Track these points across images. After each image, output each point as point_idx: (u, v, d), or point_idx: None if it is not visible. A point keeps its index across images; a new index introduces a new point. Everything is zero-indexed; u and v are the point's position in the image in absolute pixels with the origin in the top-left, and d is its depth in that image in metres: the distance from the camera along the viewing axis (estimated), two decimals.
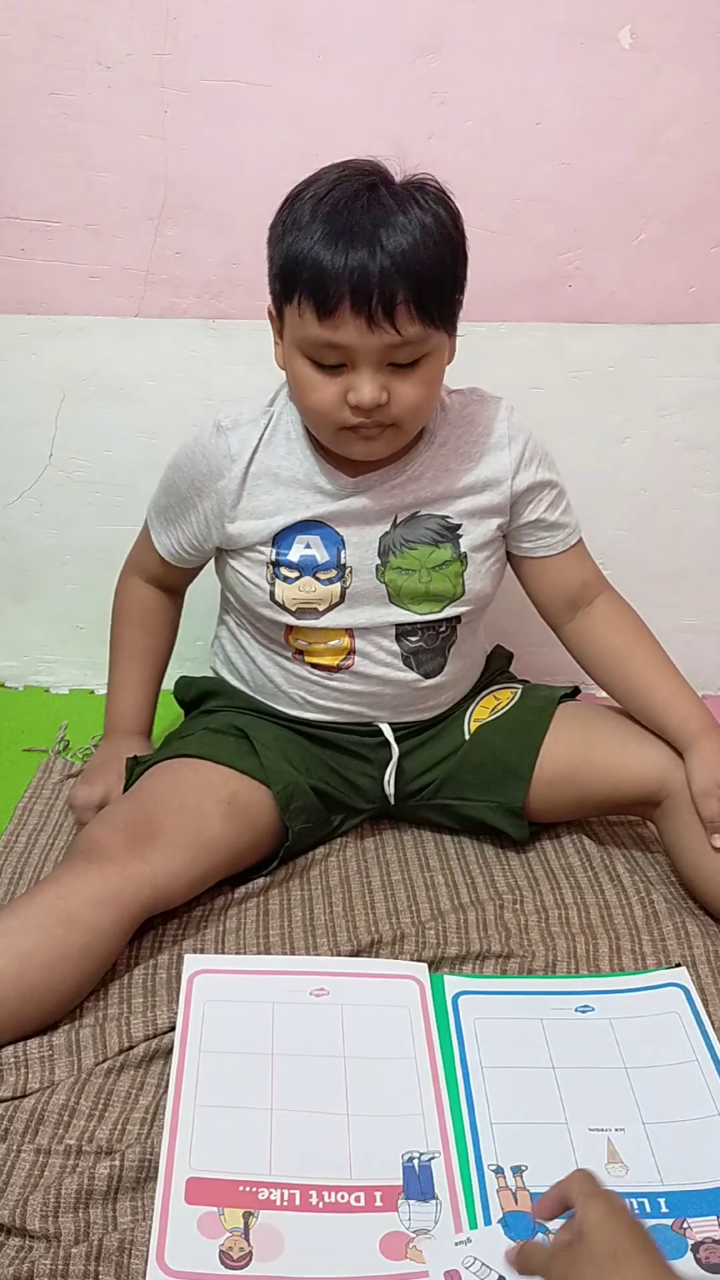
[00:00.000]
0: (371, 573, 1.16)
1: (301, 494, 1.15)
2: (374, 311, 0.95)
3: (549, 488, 1.20)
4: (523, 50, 1.39)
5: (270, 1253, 0.78)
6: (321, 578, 1.16)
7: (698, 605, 1.73)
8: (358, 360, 1.00)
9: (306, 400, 1.05)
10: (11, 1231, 0.81)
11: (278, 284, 1.03)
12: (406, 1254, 0.79)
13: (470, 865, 1.27)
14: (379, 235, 0.95)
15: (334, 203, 0.97)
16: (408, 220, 0.96)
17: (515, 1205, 0.83)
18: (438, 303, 0.99)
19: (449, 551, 1.17)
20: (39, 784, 1.43)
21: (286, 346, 1.05)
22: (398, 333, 0.97)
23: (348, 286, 0.95)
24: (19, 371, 1.55)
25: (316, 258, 0.96)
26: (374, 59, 1.39)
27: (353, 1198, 0.82)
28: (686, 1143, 0.88)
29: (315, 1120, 0.88)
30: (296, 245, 0.98)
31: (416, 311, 0.97)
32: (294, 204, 1.01)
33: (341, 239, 0.95)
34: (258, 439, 1.15)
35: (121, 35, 1.38)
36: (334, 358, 1.00)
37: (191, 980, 1.01)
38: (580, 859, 1.26)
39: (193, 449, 1.18)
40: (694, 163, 1.45)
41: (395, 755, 1.24)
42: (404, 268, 0.95)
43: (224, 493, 1.16)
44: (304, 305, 0.98)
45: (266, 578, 1.17)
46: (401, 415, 1.04)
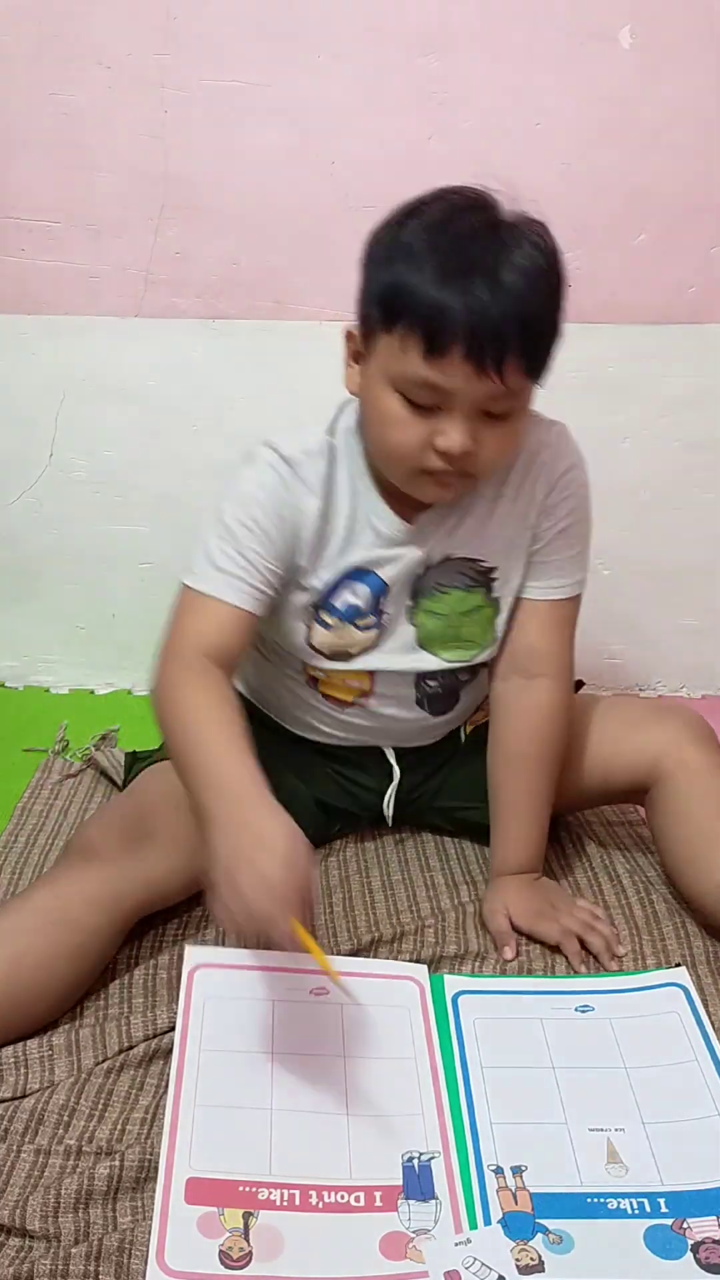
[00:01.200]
0: (404, 614, 1.12)
1: (359, 535, 1.08)
2: (485, 359, 0.89)
3: (565, 521, 1.11)
4: (523, 50, 1.39)
5: (270, 1253, 0.78)
6: (360, 624, 1.11)
7: (698, 605, 1.73)
8: (454, 405, 0.93)
9: (388, 437, 0.98)
10: (11, 1231, 0.81)
11: (376, 310, 0.94)
12: (406, 1254, 0.79)
13: (470, 865, 1.27)
14: (499, 277, 0.88)
15: (452, 235, 0.90)
16: (525, 261, 0.90)
17: (515, 1205, 0.83)
18: (545, 356, 0.94)
19: (480, 597, 1.13)
20: (38, 784, 1.43)
21: (372, 376, 0.97)
22: (503, 383, 0.91)
23: (464, 329, 0.88)
24: (19, 371, 1.55)
25: (431, 293, 0.89)
26: (374, 59, 1.39)
27: (352, 1198, 0.82)
28: (686, 1143, 0.88)
29: (315, 1120, 0.88)
30: (406, 275, 0.90)
31: (525, 364, 0.92)
32: (401, 228, 0.93)
33: (460, 277, 0.88)
34: (325, 473, 1.07)
35: (121, 35, 1.38)
36: (429, 398, 0.93)
37: (192, 975, 1.01)
38: (580, 860, 1.26)
39: (264, 481, 1.06)
40: (694, 163, 1.45)
41: (396, 778, 1.24)
42: (521, 316, 0.89)
43: (301, 529, 1.06)
44: (409, 340, 0.91)
45: (305, 621, 1.12)
46: (484, 466, 0.98)
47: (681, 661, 1.77)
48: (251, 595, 1.04)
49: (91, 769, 1.46)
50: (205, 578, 1.05)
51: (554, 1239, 0.80)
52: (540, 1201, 0.83)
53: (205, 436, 1.59)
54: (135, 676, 1.75)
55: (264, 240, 1.48)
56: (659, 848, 1.19)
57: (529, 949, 1.11)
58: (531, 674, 1.16)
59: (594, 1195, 0.84)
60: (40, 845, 1.29)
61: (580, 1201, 0.83)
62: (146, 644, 1.73)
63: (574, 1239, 0.80)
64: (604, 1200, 0.83)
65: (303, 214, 1.47)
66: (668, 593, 1.71)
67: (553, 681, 1.16)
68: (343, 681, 1.16)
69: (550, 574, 1.13)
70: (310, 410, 1.57)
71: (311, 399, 1.56)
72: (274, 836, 0.85)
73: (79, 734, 1.58)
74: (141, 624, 1.72)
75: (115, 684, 1.75)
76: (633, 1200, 0.83)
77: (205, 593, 1.04)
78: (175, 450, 1.60)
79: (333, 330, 1.54)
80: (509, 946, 1.10)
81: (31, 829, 1.33)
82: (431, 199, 0.95)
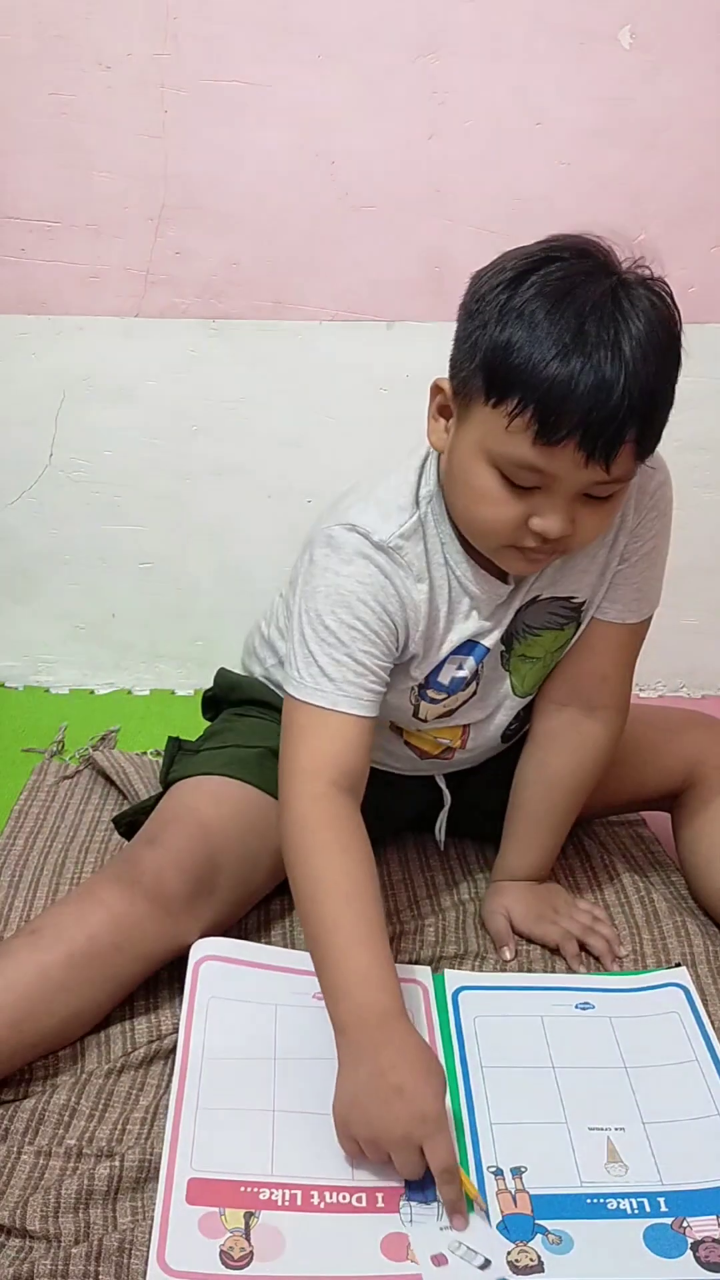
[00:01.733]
0: (498, 663, 1.07)
1: (459, 605, 1.02)
2: (596, 448, 0.83)
3: (651, 542, 1.05)
4: (523, 50, 1.39)
5: (271, 1253, 0.78)
6: (463, 690, 1.07)
7: (698, 605, 1.73)
8: (555, 489, 0.86)
9: (480, 512, 0.91)
10: (12, 1232, 0.81)
11: (479, 378, 0.85)
12: (408, 1255, 0.78)
13: (470, 865, 1.27)
14: (623, 359, 0.81)
15: (573, 304, 0.81)
16: (647, 336, 0.83)
17: (515, 1208, 0.83)
18: (656, 438, 0.88)
19: (571, 632, 1.07)
20: (34, 786, 1.43)
21: (466, 445, 0.89)
22: (608, 471, 0.85)
23: (583, 417, 0.81)
24: (19, 371, 1.56)
25: (549, 373, 0.81)
26: (374, 59, 1.39)
27: (354, 1198, 0.82)
28: (686, 1142, 0.87)
29: (317, 1122, 0.88)
30: (521, 348, 0.82)
31: (637, 451, 0.86)
32: (513, 288, 0.84)
33: (583, 356, 0.80)
34: (424, 551, 0.99)
35: (121, 35, 1.38)
36: (531, 480, 0.86)
37: (198, 967, 1.01)
38: (580, 859, 1.26)
39: (363, 576, 0.96)
40: (694, 163, 1.45)
41: (448, 804, 1.22)
42: (639, 404, 0.82)
43: (410, 620, 0.99)
44: (519, 420, 0.83)
45: (410, 699, 1.06)
46: (579, 544, 0.93)
47: (681, 661, 1.77)
48: (371, 701, 0.98)
49: (90, 769, 1.46)
50: (320, 691, 0.97)
51: (553, 1239, 0.80)
52: (540, 1203, 0.83)
53: (205, 436, 1.59)
54: (135, 676, 1.75)
55: (264, 240, 1.48)
56: (681, 849, 1.19)
57: (528, 950, 1.11)
58: (594, 705, 1.10)
59: (593, 1195, 0.83)
60: (39, 848, 1.29)
61: (580, 1202, 0.83)
62: (146, 644, 1.75)
63: (573, 1239, 0.80)
64: (604, 1200, 0.83)
65: (303, 214, 1.47)
66: (668, 593, 1.70)
67: (615, 714, 1.11)
68: (433, 737, 1.12)
69: (630, 596, 1.07)
70: (310, 411, 1.57)
71: (310, 399, 1.57)
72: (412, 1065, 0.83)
73: (79, 734, 1.57)
74: (141, 624, 1.73)
75: (115, 684, 1.75)
76: (632, 1200, 0.83)
77: (323, 707, 0.96)
78: (175, 450, 1.60)
79: (333, 330, 1.55)
80: (508, 948, 1.10)
81: (30, 831, 1.32)
82: (545, 256, 0.85)
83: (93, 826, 1.33)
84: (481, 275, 0.88)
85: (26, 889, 1.21)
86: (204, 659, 1.69)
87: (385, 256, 1.50)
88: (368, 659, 0.97)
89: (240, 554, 1.66)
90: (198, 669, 1.71)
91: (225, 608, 1.68)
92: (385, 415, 1.56)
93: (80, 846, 1.29)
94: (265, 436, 1.58)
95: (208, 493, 1.63)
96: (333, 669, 0.96)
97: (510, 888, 1.15)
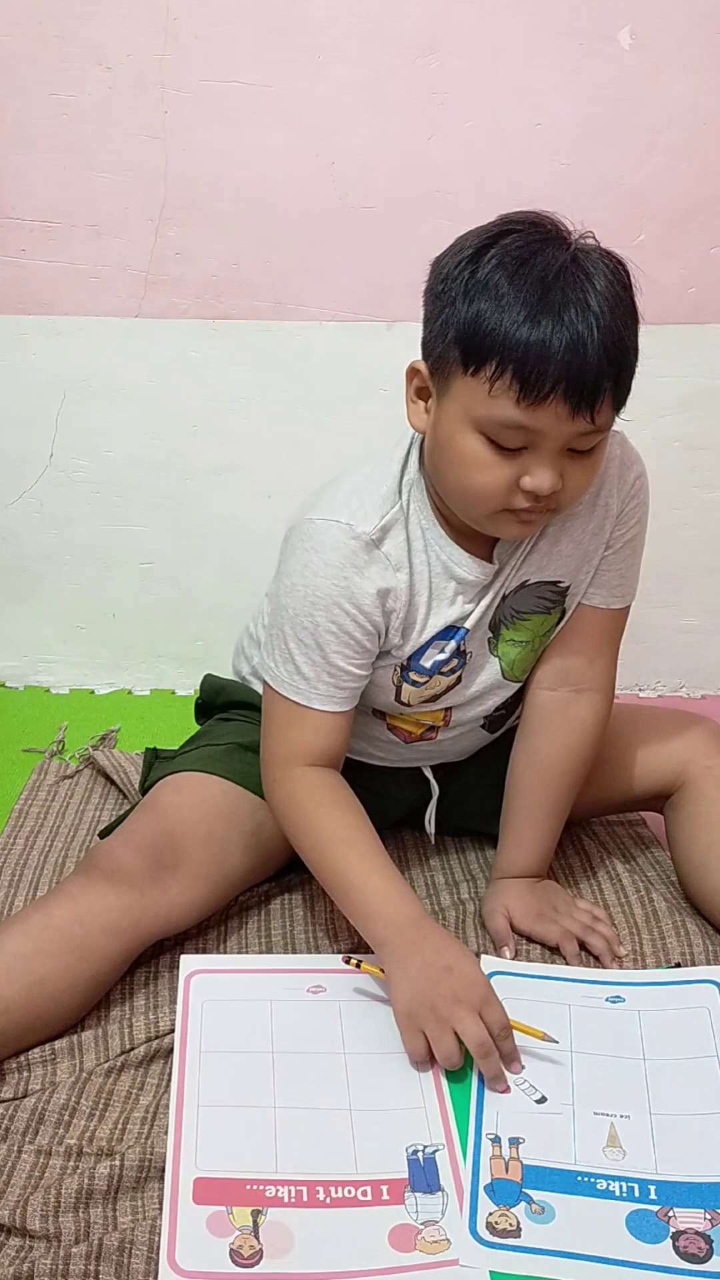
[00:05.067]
0: (485, 648, 1.09)
1: (442, 590, 1.04)
2: (580, 400, 0.86)
3: (634, 529, 1.09)
4: (523, 50, 1.39)
5: (280, 1249, 0.78)
6: (445, 671, 1.08)
7: (698, 605, 1.73)
8: (542, 445, 0.89)
9: (470, 480, 0.93)
10: (12, 1231, 0.81)
11: (455, 351, 0.89)
12: (416, 1245, 0.79)
13: (470, 863, 1.27)
14: (590, 316, 0.85)
15: (536, 270, 0.86)
16: (609, 295, 0.87)
17: (505, 1174, 0.84)
18: (629, 388, 0.91)
19: (558, 615, 1.10)
20: (34, 786, 1.43)
21: (449, 417, 0.92)
22: (593, 421, 0.89)
23: (564, 374, 0.85)
24: (19, 371, 1.56)
25: (524, 335, 0.84)
26: (374, 59, 1.39)
27: (360, 1192, 0.83)
28: (689, 1135, 0.88)
29: (319, 1117, 0.88)
30: (491, 315, 0.86)
31: (614, 400, 0.89)
32: (475, 263, 0.88)
33: (553, 316, 0.84)
34: (406, 540, 1.01)
35: (121, 35, 1.38)
36: (518, 440, 0.89)
37: (189, 980, 1.01)
38: (580, 859, 1.26)
39: (340, 577, 0.99)
40: (693, 163, 1.45)
41: (435, 795, 1.22)
42: (614, 355, 0.86)
43: (389, 611, 1.02)
44: (500, 383, 0.86)
45: (393, 681, 1.08)
46: (569, 500, 0.96)
47: (681, 661, 1.78)
48: (346, 698, 1.03)
49: (90, 769, 1.46)
50: (294, 688, 1.02)
51: (536, 1209, 0.82)
52: (530, 1173, 0.84)
53: (205, 436, 1.59)
54: (135, 676, 1.75)
55: (264, 240, 1.48)
56: (675, 851, 1.19)
57: (528, 950, 1.11)
58: (581, 689, 1.13)
59: (585, 1174, 0.84)
60: (39, 847, 1.29)
61: (570, 1178, 0.84)
62: (146, 644, 1.75)
63: (556, 1211, 0.81)
64: (594, 1180, 0.84)
65: (303, 214, 1.47)
66: (668, 593, 1.71)
67: (601, 697, 1.14)
68: (415, 719, 1.13)
69: (612, 581, 1.10)
70: (310, 411, 1.58)
71: (310, 399, 1.57)
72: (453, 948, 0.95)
73: (79, 734, 1.58)
74: (141, 624, 1.73)
75: (115, 684, 1.75)
76: (623, 1183, 0.84)
77: (298, 703, 1.02)
78: (175, 450, 1.60)
79: (333, 330, 1.55)
80: (507, 947, 1.10)
81: (29, 831, 1.33)
82: (500, 231, 0.90)
83: (93, 826, 1.33)
84: (442, 258, 0.92)
85: (26, 889, 1.21)
86: (204, 659, 1.69)
87: (385, 257, 1.50)
88: (342, 660, 1.01)
89: (240, 554, 1.66)
90: (198, 669, 1.70)
91: (225, 608, 1.68)
92: (385, 415, 1.55)
93: (80, 846, 1.29)
94: (265, 436, 1.58)
95: (208, 493, 1.63)
96: (308, 669, 1.01)
97: (510, 886, 1.15)
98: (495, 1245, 0.79)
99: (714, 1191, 0.83)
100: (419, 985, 0.92)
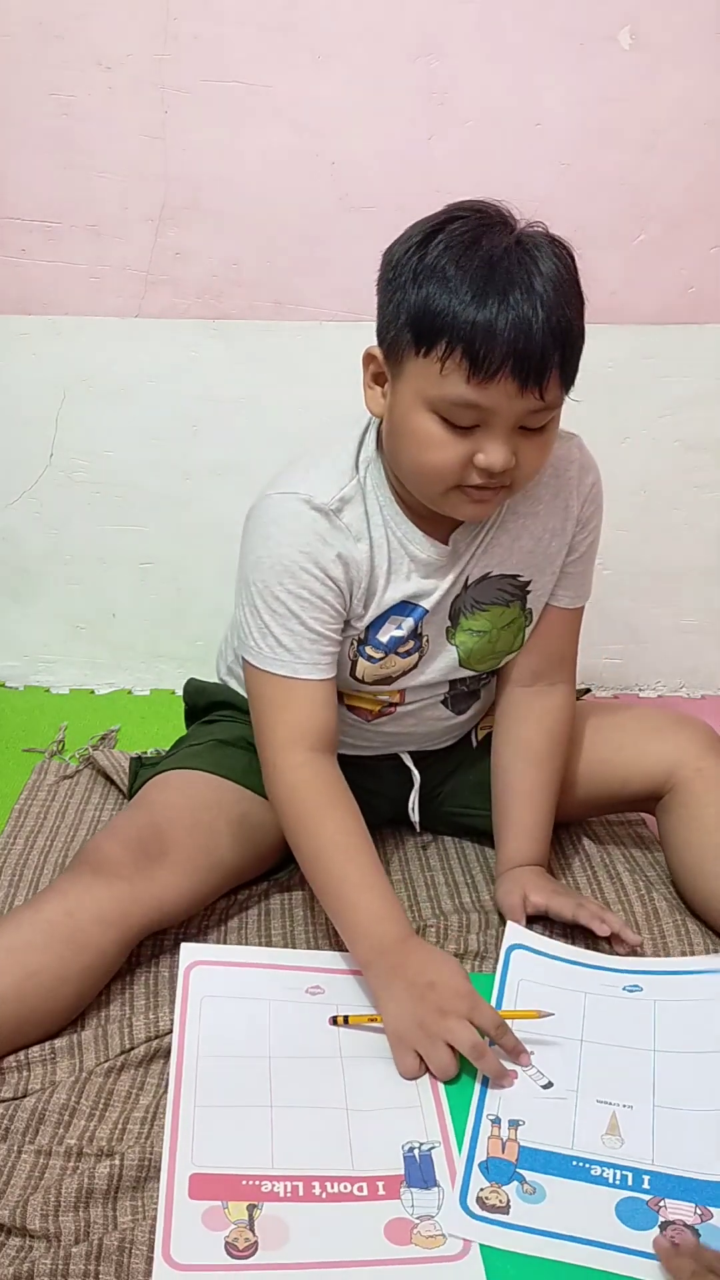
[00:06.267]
0: (442, 636, 1.12)
1: (399, 567, 1.07)
2: (528, 377, 0.89)
3: (593, 532, 1.15)
4: (523, 50, 1.39)
5: (276, 1242, 0.78)
6: (401, 651, 1.10)
7: (698, 605, 1.73)
8: (494, 423, 0.93)
9: (426, 458, 0.96)
10: (12, 1231, 0.81)
11: (407, 333, 0.92)
12: (412, 1239, 0.79)
13: (471, 865, 1.27)
14: (534, 295, 0.88)
15: (482, 254, 0.89)
16: (554, 275, 0.90)
17: (501, 1153, 0.85)
18: (576, 367, 0.94)
19: (517, 610, 1.13)
20: (34, 786, 1.43)
21: (403, 399, 0.95)
22: (542, 398, 0.91)
23: (510, 349, 0.88)
24: (19, 371, 1.56)
25: (471, 315, 0.88)
26: (374, 59, 1.39)
27: (355, 1187, 0.83)
28: (690, 1130, 0.88)
29: (315, 1115, 0.89)
30: (440, 297, 0.89)
31: (561, 377, 0.92)
32: (424, 249, 0.91)
33: (499, 297, 0.88)
34: (365, 514, 1.04)
35: (121, 35, 1.38)
36: (470, 418, 0.92)
37: (189, 972, 1.01)
38: (580, 859, 1.26)
39: (304, 544, 1.02)
40: (694, 163, 1.45)
41: (417, 783, 1.23)
42: (558, 331, 0.89)
43: (352, 580, 1.05)
44: (450, 362, 0.90)
45: (349, 655, 1.10)
46: (522, 478, 0.98)
47: (681, 661, 1.78)
48: (328, 663, 1.05)
49: (90, 769, 1.46)
50: (278, 661, 1.04)
51: (528, 1189, 0.82)
52: (526, 1154, 0.85)
53: (205, 436, 1.59)
54: (135, 676, 1.76)
55: (264, 240, 1.48)
56: (668, 854, 1.19)
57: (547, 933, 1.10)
58: (553, 681, 1.19)
59: (580, 1159, 0.85)
60: (39, 847, 1.29)
61: (565, 1162, 0.84)
62: (146, 644, 1.75)
63: (547, 1193, 0.82)
64: (588, 1165, 0.84)
65: (303, 214, 1.47)
66: (668, 593, 1.71)
67: (569, 686, 1.21)
68: (372, 696, 1.16)
69: (577, 583, 1.17)
70: (310, 411, 1.57)
71: (310, 399, 1.57)
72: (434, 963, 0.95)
73: (79, 734, 1.58)
74: (141, 624, 1.73)
75: (115, 684, 1.75)
76: (617, 1171, 0.84)
77: (284, 675, 1.04)
78: (175, 450, 1.60)
79: (333, 330, 1.55)
80: (518, 923, 1.10)
81: (30, 830, 1.33)
82: (446, 218, 0.93)
83: (93, 826, 1.34)
84: (392, 247, 0.96)
85: (27, 888, 1.21)
86: (204, 659, 1.68)
87: None
88: (319, 625, 1.04)
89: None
90: (198, 669, 1.70)
91: (225, 608, 1.67)
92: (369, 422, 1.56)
93: (80, 846, 1.29)
94: (265, 436, 1.58)
95: (208, 493, 1.63)
96: (288, 639, 1.03)
97: (522, 872, 1.15)
98: (482, 1219, 0.80)
99: (708, 1190, 0.83)
100: (404, 1006, 0.93)
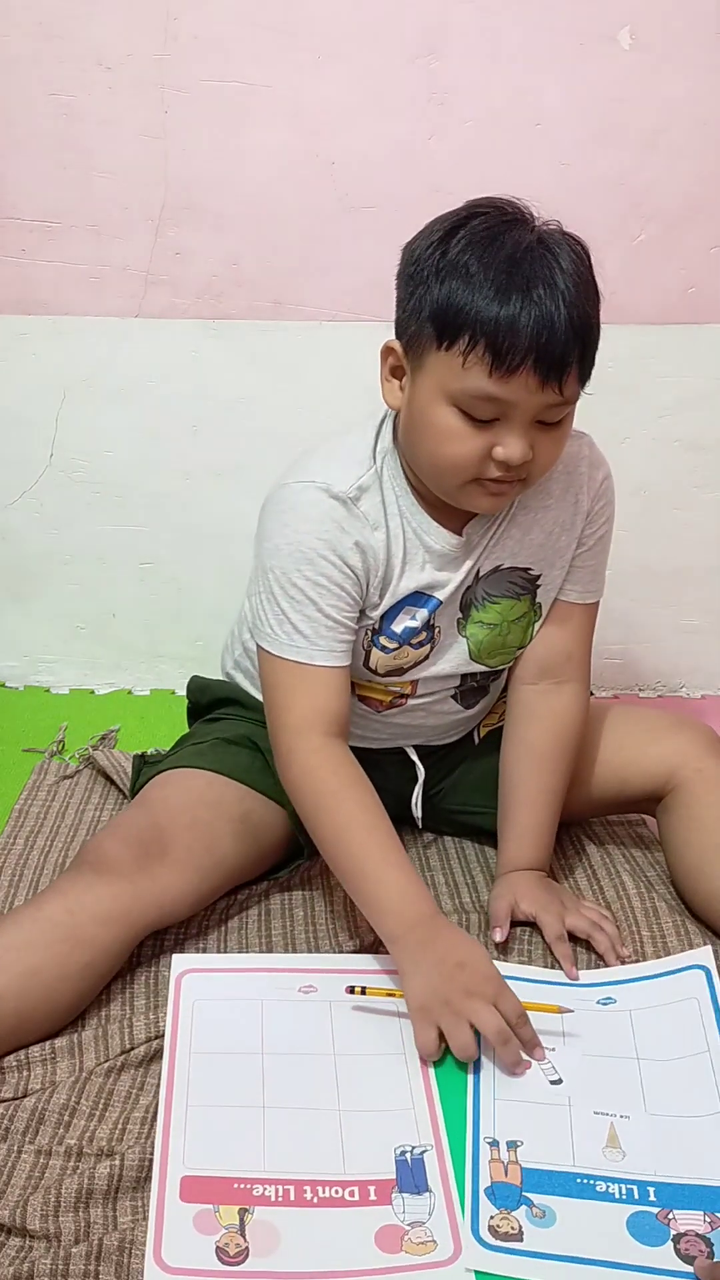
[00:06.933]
0: (454, 627, 1.13)
1: (413, 557, 1.08)
2: (549, 371, 0.91)
3: (604, 527, 1.16)
4: (523, 50, 1.39)
5: (266, 1248, 0.78)
6: (415, 643, 1.11)
7: (698, 605, 1.73)
8: (513, 416, 0.94)
9: (443, 451, 0.97)
10: (12, 1231, 0.81)
11: (429, 327, 0.94)
12: (403, 1246, 0.79)
13: (471, 865, 1.27)
14: (557, 291, 0.90)
15: (504, 250, 0.90)
16: (575, 271, 0.92)
17: (505, 1177, 0.84)
18: (593, 362, 0.96)
19: (526, 604, 1.14)
20: (34, 786, 1.43)
21: (423, 392, 0.97)
22: (561, 393, 0.93)
23: (533, 344, 0.89)
24: (19, 371, 1.56)
25: (494, 310, 0.89)
26: (374, 59, 1.39)
27: (347, 1192, 0.83)
28: (688, 1137, 0.88)
29: (307, 1116, 0.88)
30: (463, 292, 0.91)
31: (580, 372, 0.94)
32: (445, 245, 0.93)
33: (522, 292, 0.89)
34: (381, 503, 1.06)
35: (121, 35, 1.38)
36: (490, 412, 0.94)
37: (179, 980, 1.01)
38: (580, 859, 1.26)
39: (322, 532, 1.03)
40: (693, 163, 1.45)
41: (421, 777, 1.23)
42: (580, 327, 0.91)
43: (369, 567, 1.06)
44: (472, 356, 0.91)
45: (363, 645, 1.11)
46: (538, 471, 1.00)
47: (681, 661, 1.78)
48: (344, 651, 1.06)
49: (90, 769, 1.46)
50: (294, 647, 1.04)
51: (537, 1213, 0.82)
52: (530, 1176, 0.84)
53: (205, 436, 1.59)
54: (135, 676, 1.75)
55: (264, 240, 1.48)
56: (668, 854, 1.19)
57: (531, 946, 1.11)
58: (562, 679, 1.18)
59: (584, 1176, 0.84)
60: (40, 847, 1.29)
61: (570, 1180, 0.84)
62: (146, 644, 1.75)
63: (557, 1215, 0.81)
64: (593, 1182, 0.84)
65: (303, 214, 1.47)
66: (668, 593, 1.71)
67: (580, 686, 1.19)
68: (384, 686, 1.16)
69: (586, 578, 1.17)
70: (310, 411, 1.57)
71: (310, 399, 1.57)
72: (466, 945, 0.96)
73: (79, 734, 1.58)
74: (141, 624, 1.73)
75: (115, 684, 1.75)
76: (622, 1185, 0.84)
77: (299, 662, 1.04)
78: (175, 450, 1.60)
79: (333, 330, 1.55)
80: (500, 929, 1.10)
81: (30, 831, 1.33)
82: (468, 214, 0.95)
83: (93, 826, 1.34)
84: (413, 242, 0.98)
85: (27, 888, 1.21)
86: (204, 659, 1.68)
87: (385, 257, 1.48)
88: (336, 613, 1.04)
89: (240, 554, 1.65)
90: (198, 669, 1.70)
91: (225, 608, 1.67)
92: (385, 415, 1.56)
93: (80, 846, 1.29)
94: (265, 436, 1.58)
95: (208, 493, 1.63)
96: (305, 625, 1.04)
97: (519, 878, 1.15)
98: (499, 1249, 0.79)
99: (714, 1195, 0.83)
100: (432, 981, 0.93)
